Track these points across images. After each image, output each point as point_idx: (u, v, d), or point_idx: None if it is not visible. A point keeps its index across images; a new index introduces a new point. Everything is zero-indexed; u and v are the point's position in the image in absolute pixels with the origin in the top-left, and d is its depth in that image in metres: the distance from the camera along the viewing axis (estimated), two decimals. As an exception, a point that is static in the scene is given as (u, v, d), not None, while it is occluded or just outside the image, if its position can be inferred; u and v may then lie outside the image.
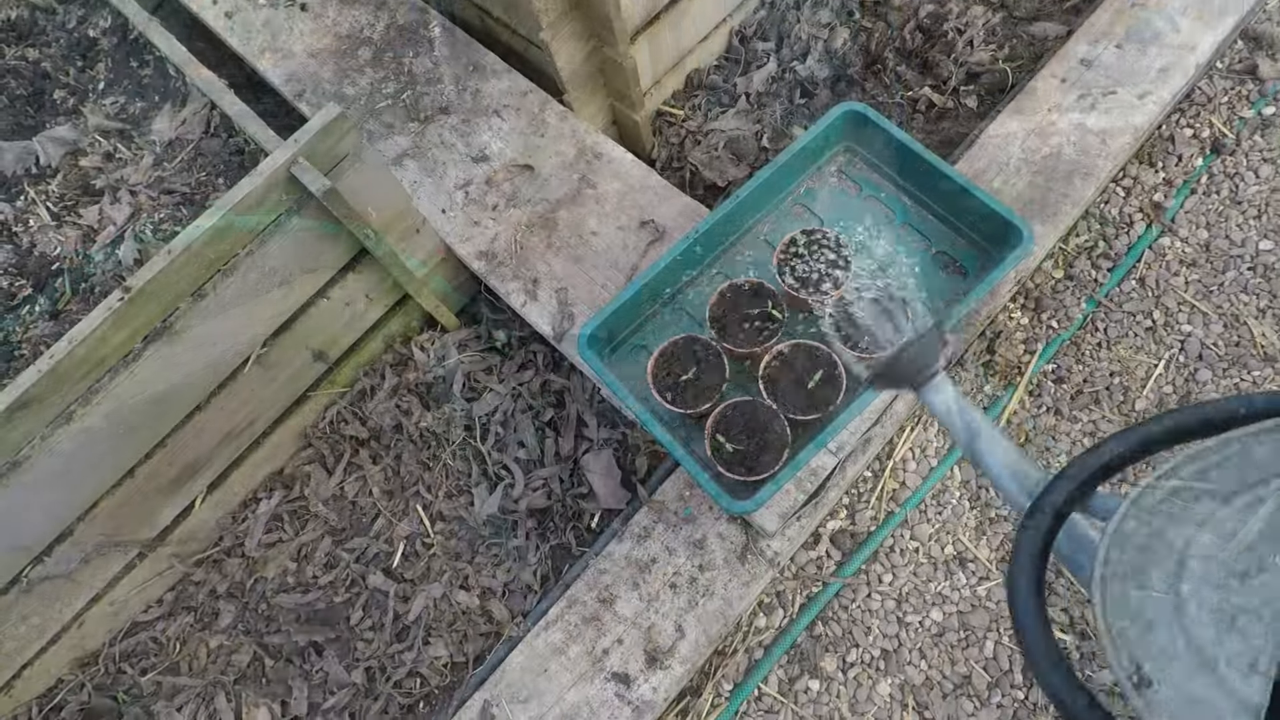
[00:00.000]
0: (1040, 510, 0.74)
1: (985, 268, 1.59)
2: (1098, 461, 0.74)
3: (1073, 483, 0.74)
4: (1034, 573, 0.71)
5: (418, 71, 2.01)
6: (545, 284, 1.73)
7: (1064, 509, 0.74)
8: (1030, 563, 0.71)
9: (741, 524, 1.55)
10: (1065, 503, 0.74)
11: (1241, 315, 1.88)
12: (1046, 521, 0.73)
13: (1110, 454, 0.74)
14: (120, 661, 1.76)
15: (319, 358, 1.76)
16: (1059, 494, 0.74)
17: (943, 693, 1.66)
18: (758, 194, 1.60)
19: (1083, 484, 0.74)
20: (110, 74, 1.91)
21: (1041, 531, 0.73)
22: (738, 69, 2.16)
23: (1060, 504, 0.74)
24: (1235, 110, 2.08)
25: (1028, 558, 0.71)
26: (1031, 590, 0.70)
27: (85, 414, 1.38)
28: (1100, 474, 0.75)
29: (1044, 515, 0.73)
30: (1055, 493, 0.74)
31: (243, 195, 1.36)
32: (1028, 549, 0.72)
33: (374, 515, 1.81)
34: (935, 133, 2.01)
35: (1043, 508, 0.74)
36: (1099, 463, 0.74)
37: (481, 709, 1.50)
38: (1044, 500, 0.74)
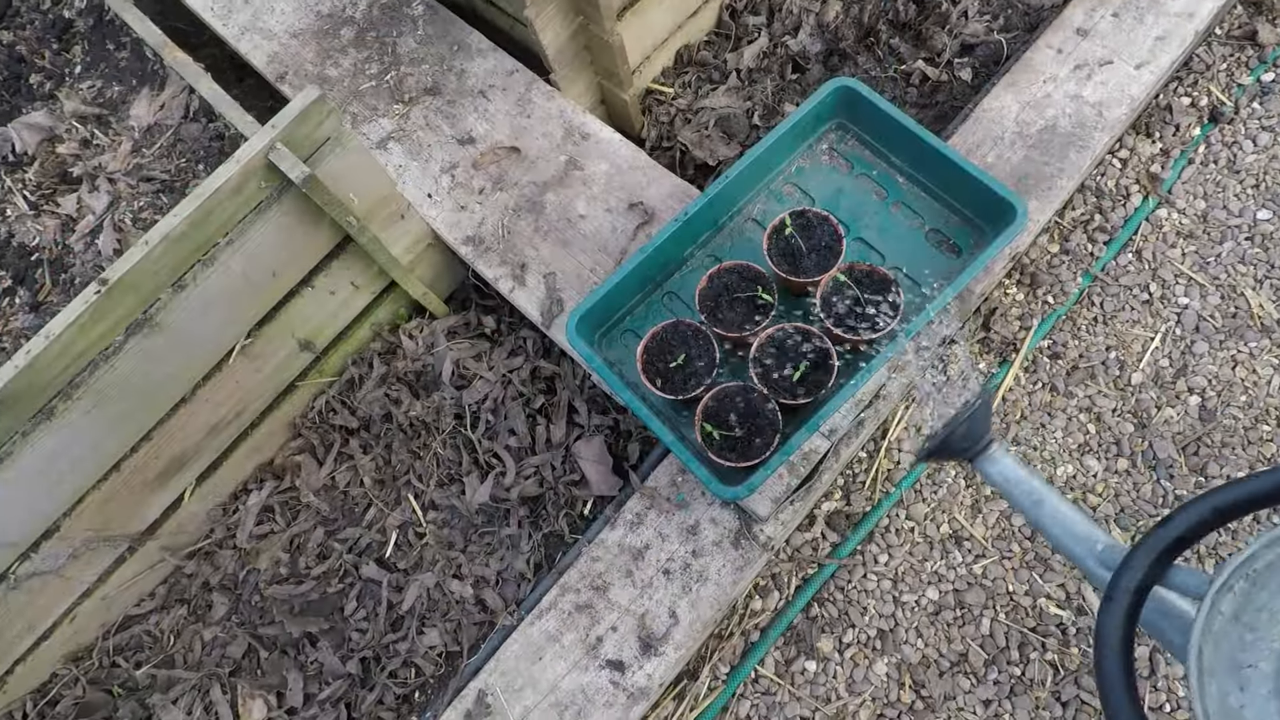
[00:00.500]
0: (1119, 592, 0.71)
1: (979, 245, 1.56)
2: (1170, 535, 0.72)
3: (1148, 559, 0.71)
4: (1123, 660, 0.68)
5: (401, 51, 1.96)
6: (533, 269, 1.71)
7: (1141, 586, 0.71)
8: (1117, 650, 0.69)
9: (735, 509, 1.54)
10: (1142, 580, 0.71)
11: (1239, 286, 1.86)
12: (1126, 603, 0.70)
13: (1183, 526, 0.71)
14: (114, 655, 1.75)
15: (306, 347, 1.74)
16: (1135, 574, 0.71)
17: (939, 671, 1.66)
18: (748, 173, 1.57)
19: (1157, 560, 0.72)
20: (87, 57, 1.86)
21: (1122, 615, 0.70)
22: (728, 45, 2.12)
23: (1138, 584, 0.71)
24: (1234, 77, 2.04)
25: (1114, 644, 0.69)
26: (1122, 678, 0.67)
27: (67, 409, 1.36)
28: (1174, 547, 0.72)
29: (1123, 597, 0.71)
30: (1131, 572, 0.71)
31: (220, 184, 1.33)
32: (1112, 635, 0.69)
33: (366, 505, 1.80)
34: (929, 107, 1.98)
35: (1122, 588, 0.71)
36: (1172, 536, 0.72)
37: (477, 698, 1.50)
38: (1121, 581, 0.71)
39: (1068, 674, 1.61)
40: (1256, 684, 0.60)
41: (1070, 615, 1.66)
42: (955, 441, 0.99)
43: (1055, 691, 1.61)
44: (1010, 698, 1.62)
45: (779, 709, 1.67)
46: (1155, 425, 1.76)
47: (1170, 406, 1.78)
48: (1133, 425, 1.78)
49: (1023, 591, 1.69)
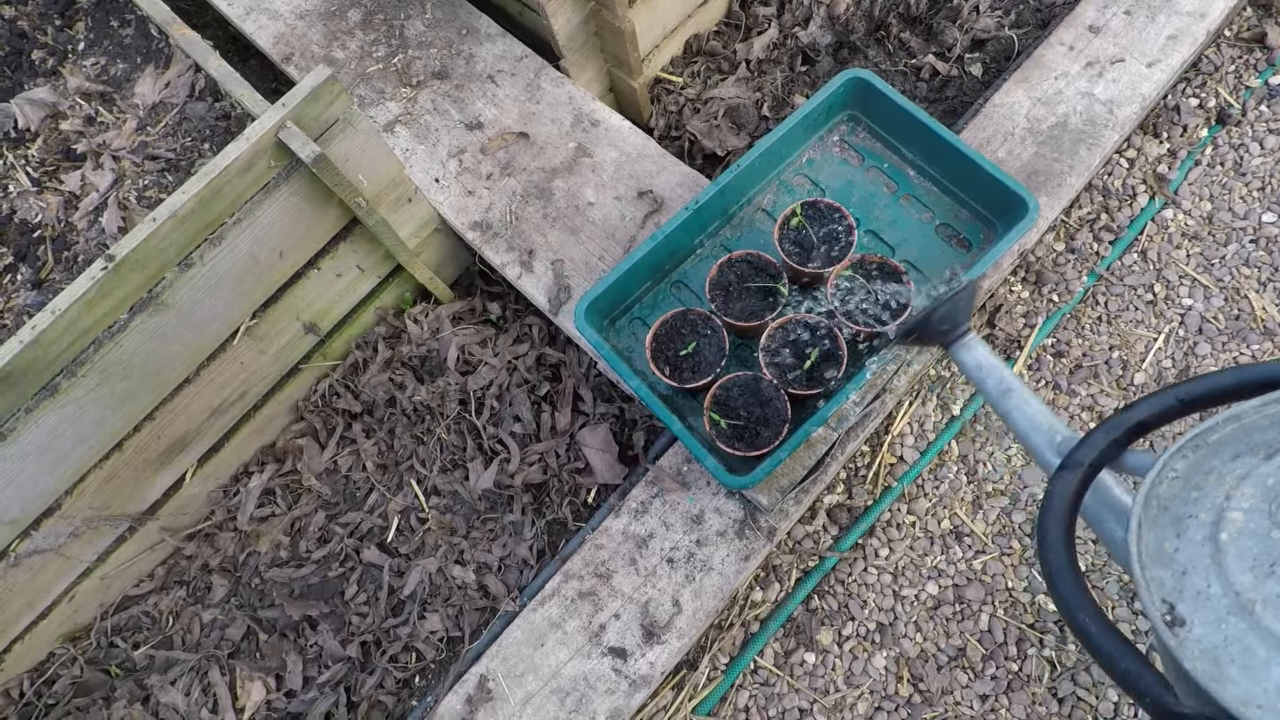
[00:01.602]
0: (1074, 463, 0.74)
1: (988, 240, 1.56)
2: (1133, 418, 0.75)
3: (1107, 437, 0.75)
4: (1066, 521, 0.72)
5: (409, 35, 1.95)
6: (541, 256, 1.70)
7: (1098, 462, 0.75)
8: (1062, 512, 0.72)
9: (739, 499, 1.54)
10: (1098, 457, 0.75)
11: (1242, 288, 1.87)
12: (1079, 474, 0.74)
13: (1146, 412, 0.75)
14: (112, 635, 1.74)
15: (310, 330, 1.73)
16: (1093, 448, 0.75)
17: (938, 665, 1.67)
18: (759, 163, 1.57)
19: (1115, 442, 0.75)
20: (90, 33, 1.84)
21: (1074, 483, 0.74)
22: (738, 35, 2.11)
23: (1094, 458, 0.74)
24: (1242, 79, 2.05)
25: (1060, 507, 0.72)
26: (1063, 539, 0.71)
27: (71, 386, 1.35)
28: (1135, 430, 0.75)
29: (1077, 468, 0.74)
30: (1090, 446, 0.75)
31: (229, 161, 1.32)
32: (1060, 499, 0.73)
33: (368, 489, 1.79)
34: (939, 101, 1.98)
35: (1076, 461, 0.74)
36: (1134, 419, 0.75)
37: (478, 682, 1.50)
38: (1078, 453, 0.75)
39: (1064, 670, 1.63)
40: (1192, 531, 0.64)
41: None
42: (935, 323, 1.01)
43: (1052, 687, 1.62)
44: (1007, 693, 1.63)
45: (777, 700, 1.67)
46: (1157, 424, 1.77)
47: (1172, 406, 1.79)
48: (1135, 424, 1.78)
49: (1021, 588, 1.70)
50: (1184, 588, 0.62)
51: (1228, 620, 0.60)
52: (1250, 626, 0.59)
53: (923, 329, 1.03)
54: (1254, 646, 0.58)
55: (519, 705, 1.47)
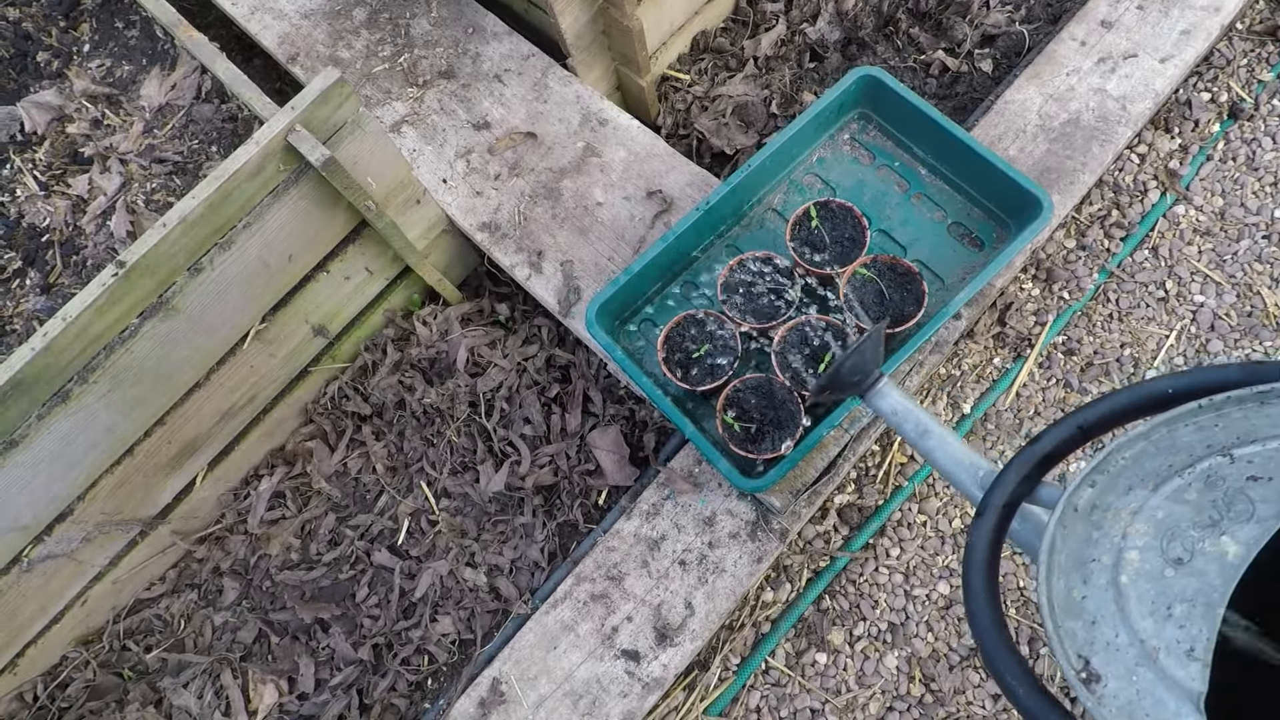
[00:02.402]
0: (989, 508, 0.74)
1: (1001, 239, 1.55)
2: (1038, 452, 0.75)
3: (1016, 475, 0.75)
4: (987, 570, 0.71)
5: (415, 34, 1.94)
6: (550, 257, 1.69)
7: (1011, 501, 0.75)
8: (983, 561, 0.72)
9: (751, 500, 1.53)
10: (1011, 497, 0.75)
11: (1255, 285, 1.86)
12: (995, 517, 0.74)
13: (1050, 444, 0.75)
14: (125, 638, 1.74)
15: (319, 332, 1.72)
16: (1004, 490, 0.75)
17: (949, 665, 1.66)
18: (770, 163, 1.56)
19: (1026, 478, 0.75)
20: (95, 35, 1.83)
21: (990, 529, 0.73)
22: (745, 31, 2.09)
23: (1006, 500, 0.74)
24: (1254, 73, 2.03)
25: (980, 556, 0.72)
26: (985, 590, 0.70)
27: (82, 392, 1.35)
28: (1041, 465, 0.75)
29: (992, 513, 0.74)
30: (1000, 489, 0.75)
31: (239, 165, 1.31)
32: (979, 548, 0.73)
33: (378, 492, 1.79)
34: (949, 98, 1.96)
35: (991, 505, 0.74)
36: (1040, 453, 0.75)
37: (491, 686, 1.50)
38: (990, 498, 0.75)
39: (1078, 668, 1.62)
40: (1096, 576, 0.63)
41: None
42: (845, 375, 1.02)
43: (1065, 687, 1.61)
44: (1020, 691, 1.63)
45: (789, 700, 1.67)
46: (1169, 422, 1.76)
47: (1185, 404, 1.78)
48: (1147, 422, 1.78)
49: (1033, 587, 1.69)
50: (1094, 639, 0.61)
51: (1137, 672, 0.58)
52: (1157, 676, 0.57)
53: (835, 383, 1.04)
54: (1164, 698, 0.56)
55: (532, 708, 1.47)
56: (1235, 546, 0.59)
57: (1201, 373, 0.69)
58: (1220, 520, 0.61)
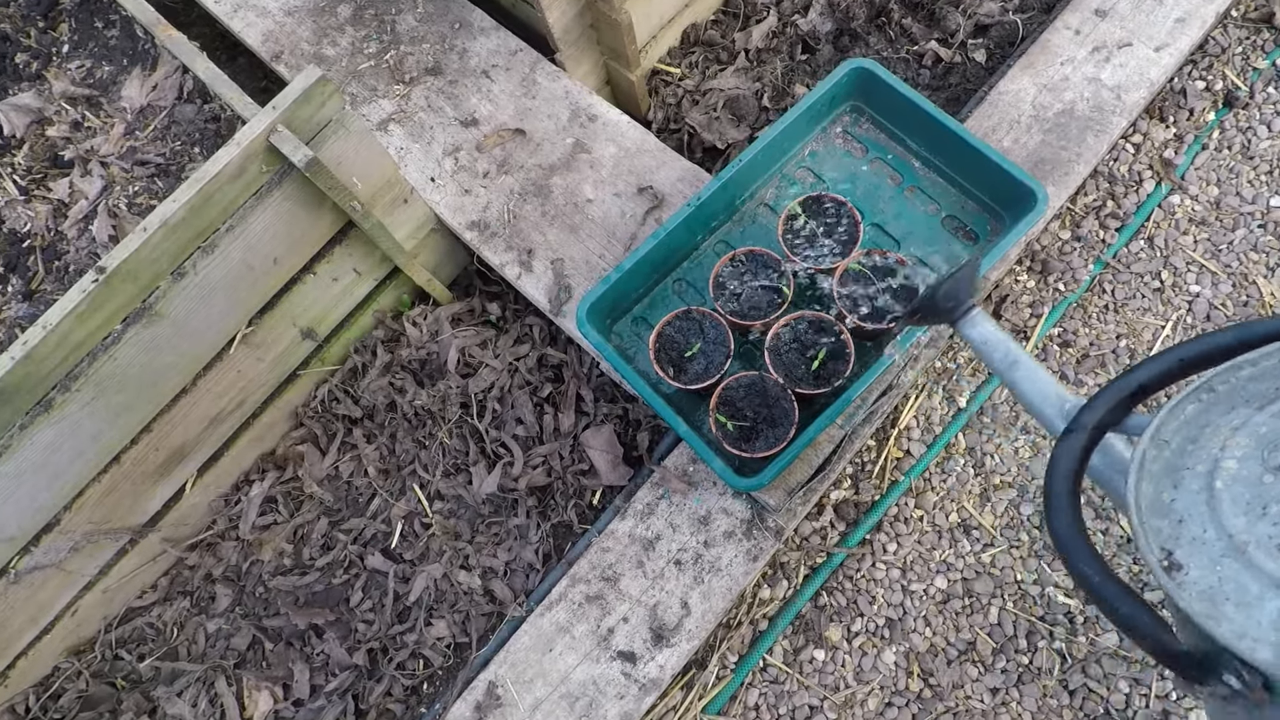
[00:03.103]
0: (1079, 427, 0.76)
1: (996, 232, 1.54)
2: (1135, 381, 0.77)
3: (1110, 400, 0.76)
4: (1071, 481, 0.73)
5: (401, 30, 1.91)
6: (540, 255, 1.67)
7: (1101, 425, 0.76)
8: (1068, 474, 0.74)
9: (746, 499, 1.52)
10: (1102, 420, 0.76)
11: (1250, 274, 1.85)
12: (1084, 437, 0.75)
13: (1148, 374, 0.77)
14: (117, 648, 1.73)
15: (308, 335, 1.70)
16: (1097, 411, 0.76)
17: (947, 659, 1.66)
18: (761, 157, 1.54)
19: (1119, 404, 0.76)
20: (74, 35, 1.80)
21: (1079, 446, 0.75)
22: (736, 24, 2.07)
23: (1098, 421, 0.76)
24: (1249, 61, 2.01)
25: (1066, 469, 0.74)
26: (1067, 498, 0.72)
27: (65, 401, 1.33)
28: (1137, 393, 0.77)
29: (1082, 431, 0.75)
30: (1093, 410, 0.76)
31: (220, 168, 1.29)
32: (1065, 461, 0.74)
33: (370, 495, 1.78)
34: (942, 89, 1.94)
35: (1081, 424, 0.76)
36: (1136, 382, 0.77)
37: (487, 689, 1.49)
38: (1082, 417, 0.76)
39: (1075, 662, 1.62)
40: (1189, 482, 0.67)
41: (1078, 604, 1.66)
42: (939, 300, 1.02)
43: (1063, 679, 1.61)
44: (1018, 686, 1.62)
45: (787, 698, 1.67)
46: (1166, 413, 1.75)
47: (1181, 395, 1.77)
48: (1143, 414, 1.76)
49: (1031, 580, 1.69)
50: (1180, 535, 0.64)
51: (1222, 562, 0.62)
52: (1244, 566, 0.61)
53: (927, 307, 1.04)
54: (1247, 584, 0.60)
55: (528, 711, 1.46)
56: None
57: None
58: None
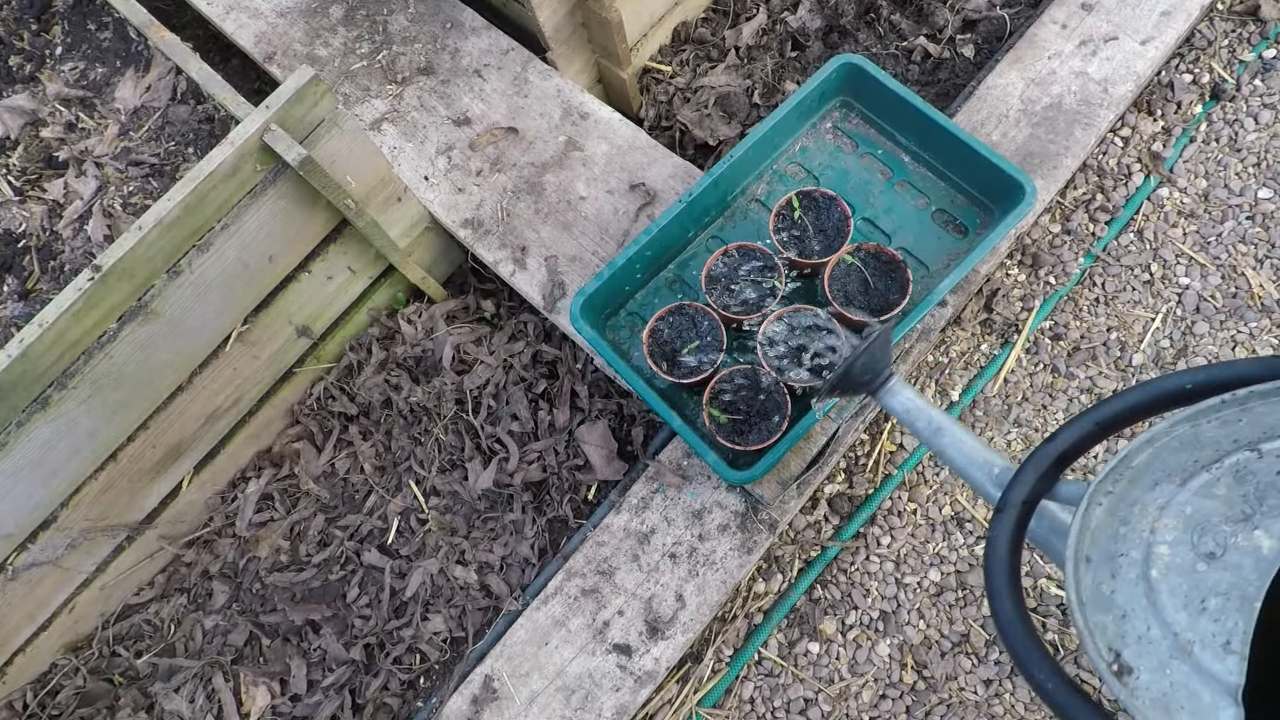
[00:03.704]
0: (1008, 505, 0.75)
1: (985, 225, 1.55)
2: (1056, 450, 0.75)
3: (1034, 473, 0.75)
4: (1009, 568, 0.72)
5: (393, 30, 1.92)
6: (534, 252, 1.68)
7: (1029, 499, 0.75)
8: (1005, 558, 0.72)
9: (741, 492, 1.53)
10: (1030, 494, 0.75)
11: (1239, 266, 1.86)
12: (1014, 514, 0.74)
13: (1067, 441, 0.75)
14: (114, 644, 1.74)
15: (303, 333, 1.71)
16: (1024, 486, 0.75)
17: (941, 651, 1.67)
18: (752, 153, 1.55)
19: (1044, 475, 0.75)
20: (68, 37, 1.81)
21: (1010, 526, 0.74)
22: (726, 21, 2.08)
23: (1025, 497, 0.75)
24: (1236, 54, 2.03)
25: (1002, 553, 0.72)
26: (1007, 587, 0.70)
27: (62, 398, 1.34)
28: (1059, 462, 0.76)
29: (1012, 509, 0.74)
30: (1019, 487, 0.75)
31: (214, 167, 1.30)
32: (1000, 544, 0.73)
33: (366, 492, 1.78)
34: (931, 84, 1.95)
35: (1010, 502, 0.75)
36: (1056, 450, 0.75)
37: (483, 683, 1.49)
38: (1010, 495, 0.75)
39: (1068, 653, 1.63)
40: (1126, 570, 0.64)
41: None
42: (855, 374, 1.02)
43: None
44: (1011, 677, 1.63)
45: (782, 690, 1.68)
46: (1156, 405, 1.77)
47: (1171, 386, 1.78)
48: (1134, 405, 1.78)
49: (1023, 573, 1.70)
50: (1126, 632, 0.61)
51: (1171, 664, 0.58)
52: (1193, 669, 0.57)
53: (845, 382, 1.04)
54: (1199, 690, 0.57)
55: (525, 704, 1.47)
56: (1270, 540, 0.58)
57: (1218, 368, 0.69)
58: (1253, 515, 0.60)
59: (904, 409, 1.00)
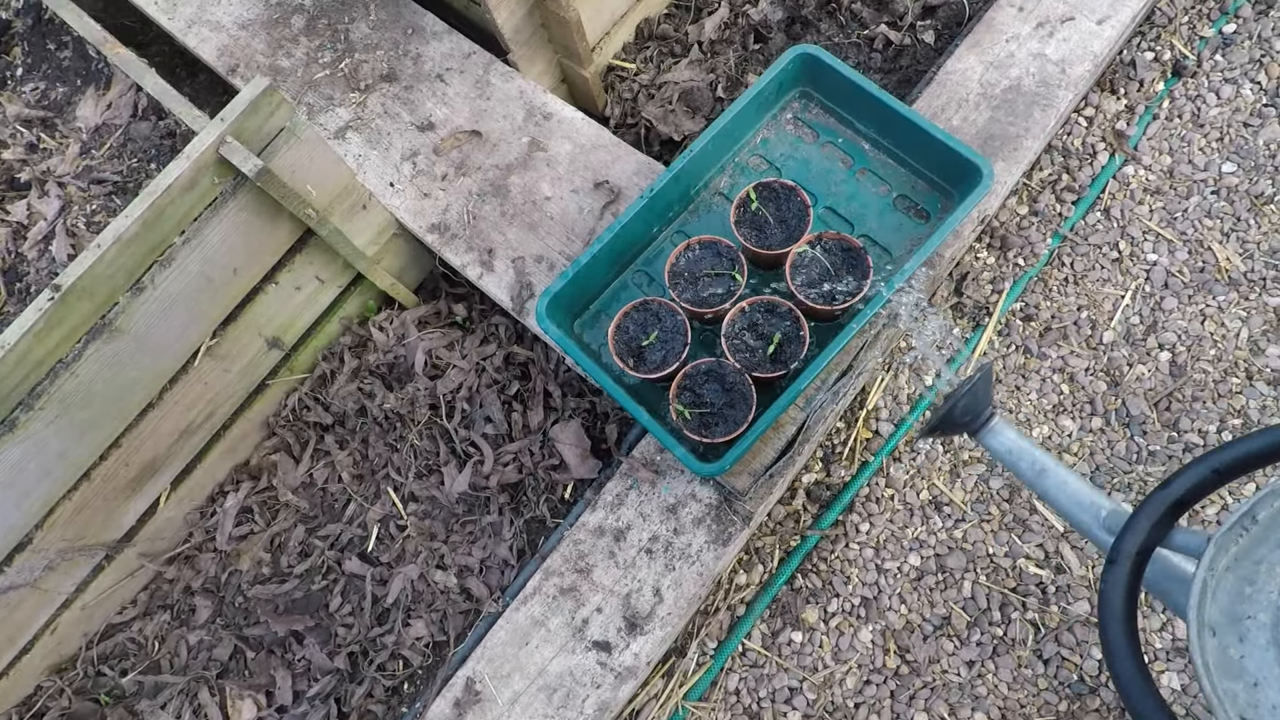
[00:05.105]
0: (1121, 556, 0.72)
1: (947, 209, 1.56)
2: (1171, 496, 0.72)
3: (1149, 521, 0.72)
4: (1126, 622, 0.69)
5: (355, 38, 1.92)
6: (501, 254, 1.69)
7: (1142, 550, 0.72)
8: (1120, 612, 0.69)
9: (715, 485, 1.54)
10: (1143, 544, 0.72)
11: (1205, 240, 1.87)
12: (1128, 565, 0.71)
13: (1183, 488, 0.72)
14: (99, 664, 1.74)
15: (274, 345, 1.71)
16: (1137, 537, 0.72)
17: (923, 635, 1.68)
18: (712, 147, 1.55)
19: (1158, 522, 0.72)
20: (27, 58, 1.81)
21: (1124, 577, 0.71)
22: (688, 17, 2.09)
23: (1139, 545, 0.72)
24: (1196, 30, 2.04)
25: (1117, 607, 0.69)
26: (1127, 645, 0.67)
27: (29, 420, 1.34)
28: (1174, 510, 0.72)
29: (1125, 560, 0.71)
30: (1133, 535, 0.72)
31: (171, 181, 1.30)
32: (1115, 598, 0.70)
33: (345, 501, 1.79)
34: (893, 71, 1.96)
35: (1124, 553, 0.72)
36: (1171, 498, 0.72)
37: (465, 685, 1.50)
38: (1123, 544, 0.72)
39: (1048, 631, 1.64)
40: (1255, 634, 0.61)
41: (1049, 574, 1.68)
42: (957, 415, 0.99)
43: (1036, 649, 1.63)
44: (993, 658, 1.64)
45: (767, 680, 1.68)
46: (1127, 383, 1.78)
47: (1141, 364, 1.79)
48: (1105, 384, 1.79)
49: (1002, 553, 1.71)
50: (1259, 702, 0.59)
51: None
52: None
53: (946, 423, 1.01)
54: None
55: (507, 705, 1.47)
56: None
57: None
58: None
59: (1006, 450, 0.97)
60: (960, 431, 1.03)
